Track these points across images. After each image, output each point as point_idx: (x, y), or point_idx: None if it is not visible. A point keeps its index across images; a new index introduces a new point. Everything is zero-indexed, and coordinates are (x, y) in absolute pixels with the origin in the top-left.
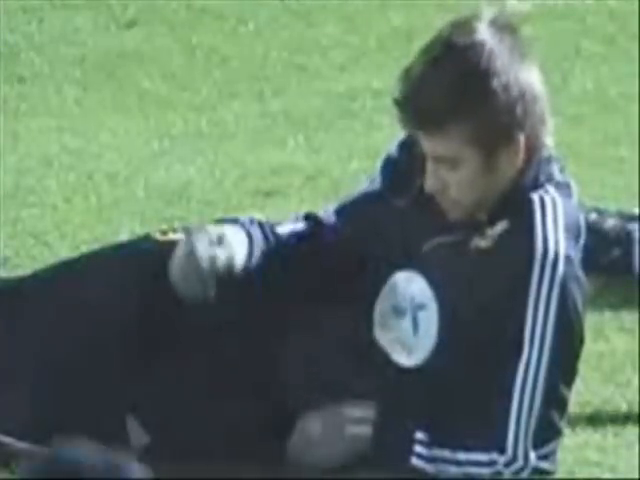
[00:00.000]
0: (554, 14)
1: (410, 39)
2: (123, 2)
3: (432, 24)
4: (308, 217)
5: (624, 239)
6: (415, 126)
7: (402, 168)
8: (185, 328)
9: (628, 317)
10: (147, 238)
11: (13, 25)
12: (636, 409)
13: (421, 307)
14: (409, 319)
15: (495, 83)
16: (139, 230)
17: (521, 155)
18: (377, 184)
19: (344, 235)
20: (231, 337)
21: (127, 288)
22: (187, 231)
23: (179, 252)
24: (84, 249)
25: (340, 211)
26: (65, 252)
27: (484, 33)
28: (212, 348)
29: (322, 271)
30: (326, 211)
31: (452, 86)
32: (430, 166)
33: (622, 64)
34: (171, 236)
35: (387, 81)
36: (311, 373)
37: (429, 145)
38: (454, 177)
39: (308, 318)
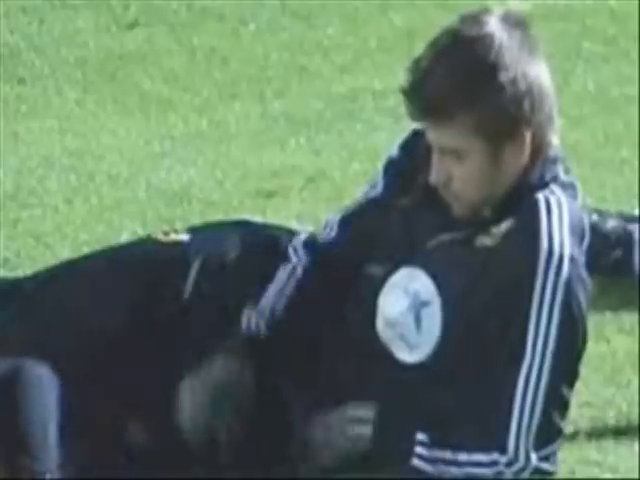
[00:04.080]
0: (555, 15)
1: (411, 40)
2: (124, 3)
3: (433, 24)
4: (307, 245)
5: (625, 240)
6: (421, 116)
7: (404, 168)
8: (186, 329)
9: (628, 318)
10: (149, 239)
11: (13, 26)
12: (636, 410)
13: (424, 304)
14: (412, 316)
15: (503, 76)
16: (140, 231)
17: (527, 151)
18: (379, 188)
19: (346, 245)
20: (230, 338)
21: (129, 289)
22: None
23: None
24: (85, 250)
25: (343, 223)
26: (66, 253)
27: (494, 26)
28: (213, 349)
29: (323, 273)
30: (327, 223)
31: (459, 77)
32: (435, 158)
33: (623, 65)
34: (173, 237)
35: (388, 82)
36: (312, 372)
37: (435, 135)
38: (459, 169)
39: (308, 317)
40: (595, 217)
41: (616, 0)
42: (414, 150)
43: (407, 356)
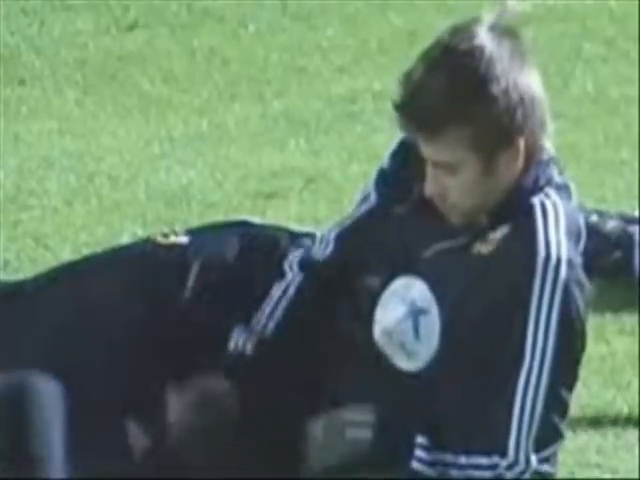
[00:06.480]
0: (554, 16)
1: (411, 41)
2: (124, 4)
3: (432, 25)
4: (303, 263)
5: (625, 241)
6: (414, 131)
7: (397, 177)
8: (186, 331)
9: (629, 319)
10: (148, 241)
11: (14, 27)
12: (636, 411)
13: (422, 312)
14: (410, 324)
15: (494, 88)
16: (140, 232)
17: (521, 159)
18: (373, 200)
19: (342, 262)
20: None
21: (128, 291)
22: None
23: None
24: (85, 252)
25: (338, 239)
26: (66, 255)
27: (483, 38)
28: (212, 351)
29: (316, 293)
30: (322, 239)
31: (451, 91)
32: (430, 171)
33: (622, 66)
34: (172, 239)
35: (388, 83)
36: (311, 377)
37: (428, 150)
38: (453, 182)
39: (308, 322)
40: (595, 218)
41: (616, 1)
42: (405, 159)
43: (406, 364)
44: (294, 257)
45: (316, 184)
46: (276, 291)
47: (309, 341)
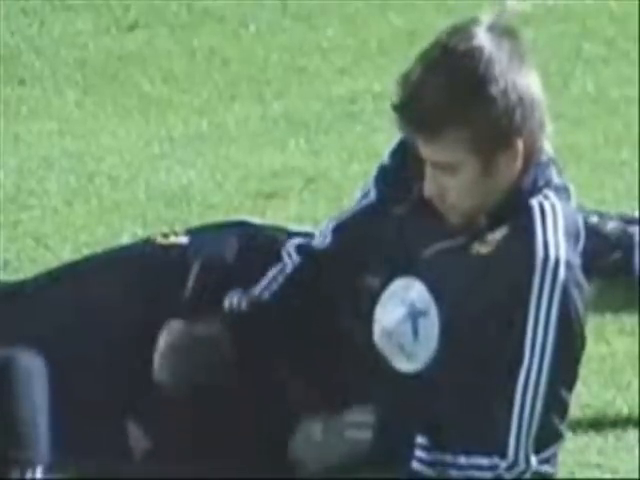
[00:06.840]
0: (554, 16)
1: (411, 41)
2: (124, 4)
3: (432, 25)
4: (300, 248)
5: (625, 242)
6: (413, 132)
7: (397, 176)
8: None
9: (629, 320)
10: (148, 241)
11: (14, 27)
12: (636, 412)
13: (421, 313)
14: (409, 325)
15: (493, 89)
16: (140, 233)
17: (519, 160)
18: (372, 196)
19: (340, 252)
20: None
21: (128, 291)
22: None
23: None
24: (85, 252)
25: (337, 231)
26: (66, 255)
27: (482, 38)
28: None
29: (313, 272)
30: (321, 232)
31: (450, 92)
32: (429, 171)
33: (622, 66)
34: (172, 239)
35: (388, 84)
36: (312, 377)
37: (427, 151)
38: (452, 182)
39: (308, 324)
40: (595, 219)
41: (616, 1)
42: (405, 158)
43: (405, 366)
44: (291, 244)
45: (316, 184)
46: (273, 271)
47: (304, 320)
